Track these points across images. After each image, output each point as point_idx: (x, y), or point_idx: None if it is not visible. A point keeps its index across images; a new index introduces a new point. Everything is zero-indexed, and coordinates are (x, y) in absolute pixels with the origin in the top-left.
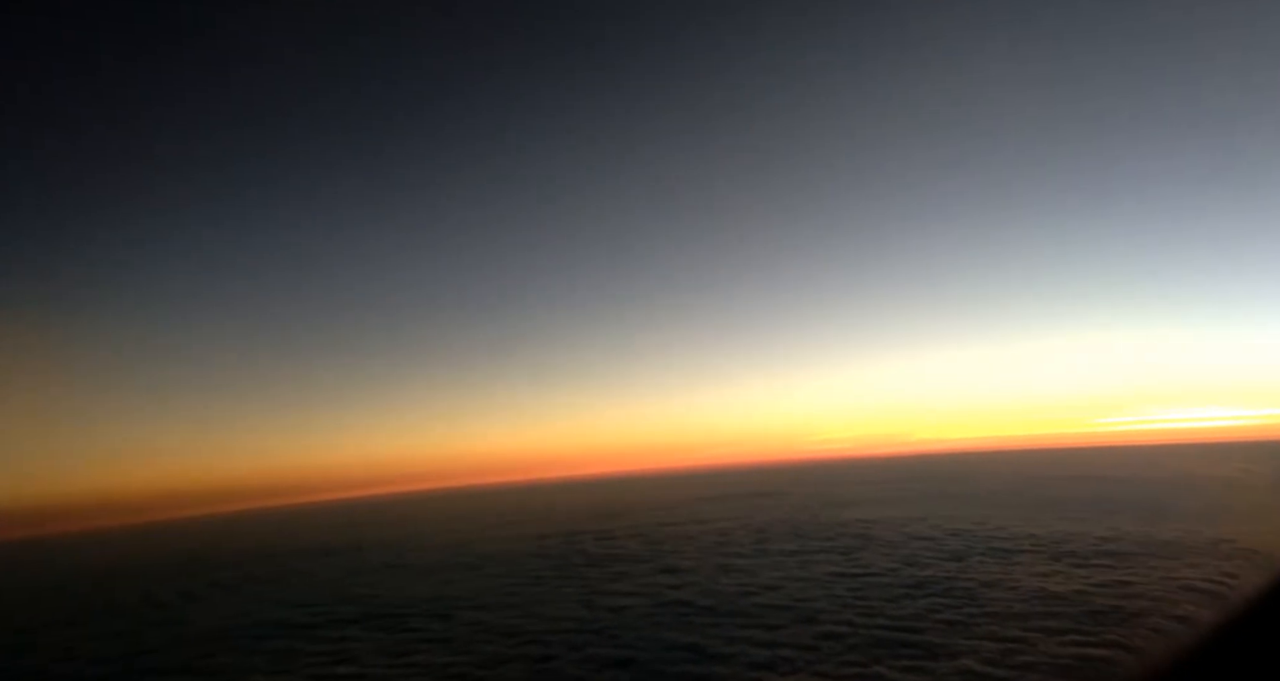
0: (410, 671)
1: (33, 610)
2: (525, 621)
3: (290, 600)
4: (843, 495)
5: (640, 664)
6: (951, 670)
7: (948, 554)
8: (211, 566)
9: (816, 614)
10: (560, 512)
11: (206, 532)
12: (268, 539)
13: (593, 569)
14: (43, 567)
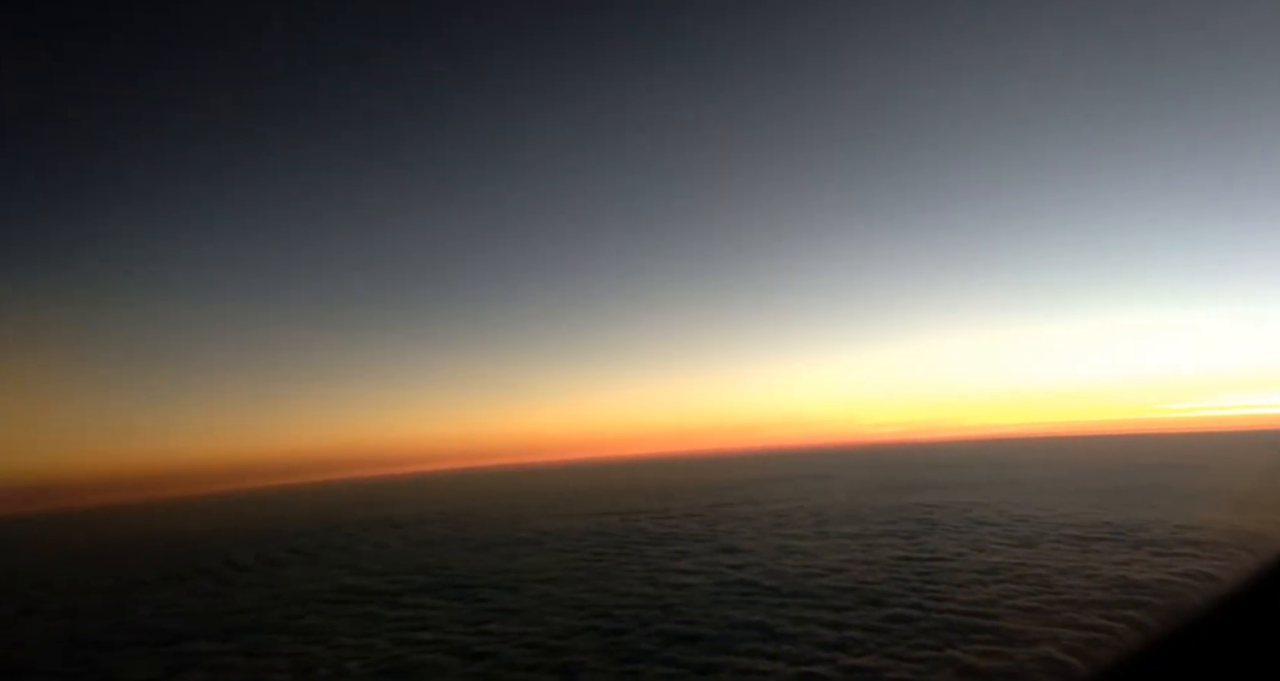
0: (487, 639)
1: (123, 570)
2: (592, 595)
3: (365, 568)
4: (899, 479)
5: (709, 640)
6: (1031, 657)
7: (1017, 540)
8: (285, 535)
9: (883, 597)
10: (614, 492)
11: (272, 503)
12: (333, 511)
13: (653, 547)
14: (123, 532)
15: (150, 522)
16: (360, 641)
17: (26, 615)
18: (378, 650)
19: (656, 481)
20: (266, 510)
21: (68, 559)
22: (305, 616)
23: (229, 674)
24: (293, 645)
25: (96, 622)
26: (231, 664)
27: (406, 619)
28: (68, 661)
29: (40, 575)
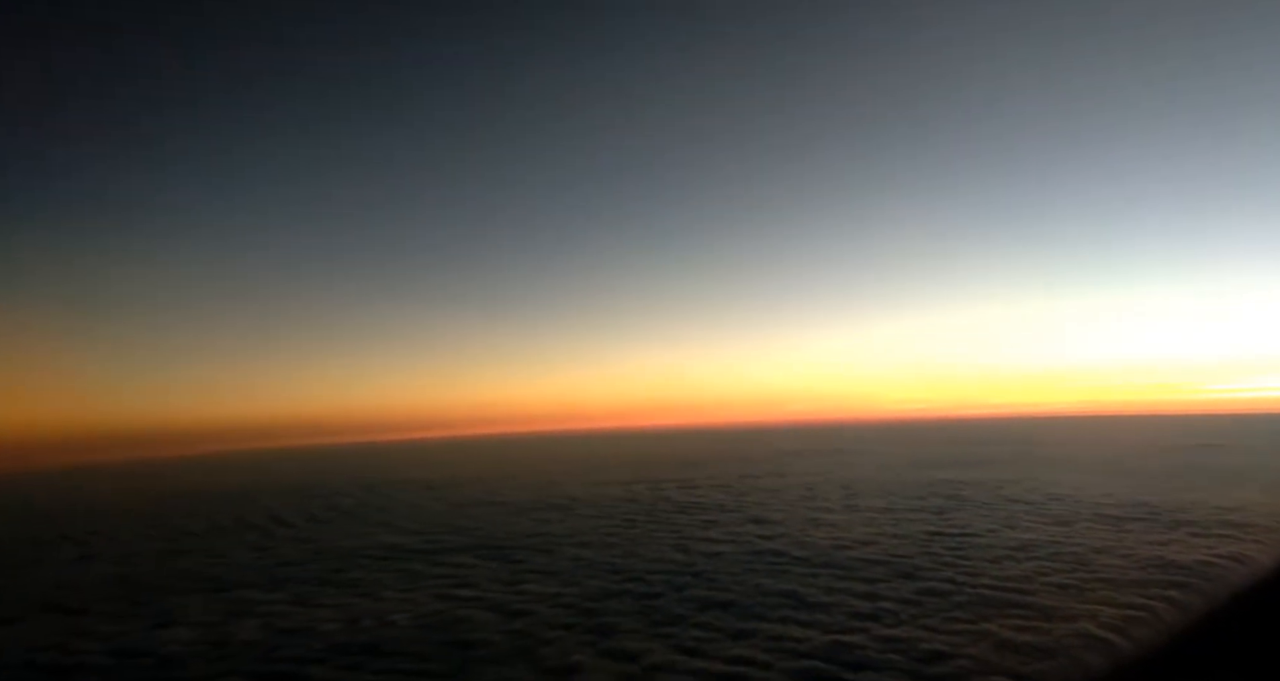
0: (524, 598)
1: (173, 522)
2: (625, 561)
3: (403, 527)
4: (927, 455)
5: (741, 606)
6: (1069, 633)
7: (1050, 518)
8: (324, 493)
9: (915, 570)
10: (640, 460)
11: (310, 463)
12: (368, 471)
13: (682, 515)
14: (170, 485)
15: (195, 477)
16: (403, 595)
17: (86, 560)
18: (420, 604)
19: (681, 452)
20: (305, 469)
21: (119, 509)
22: (349, 570)
23: (281, 621)
24: (339, 597)
25: (152, 569)
26: (282, 612)
27: (445, 576)
28: (128, 602)
29: (95, 524)
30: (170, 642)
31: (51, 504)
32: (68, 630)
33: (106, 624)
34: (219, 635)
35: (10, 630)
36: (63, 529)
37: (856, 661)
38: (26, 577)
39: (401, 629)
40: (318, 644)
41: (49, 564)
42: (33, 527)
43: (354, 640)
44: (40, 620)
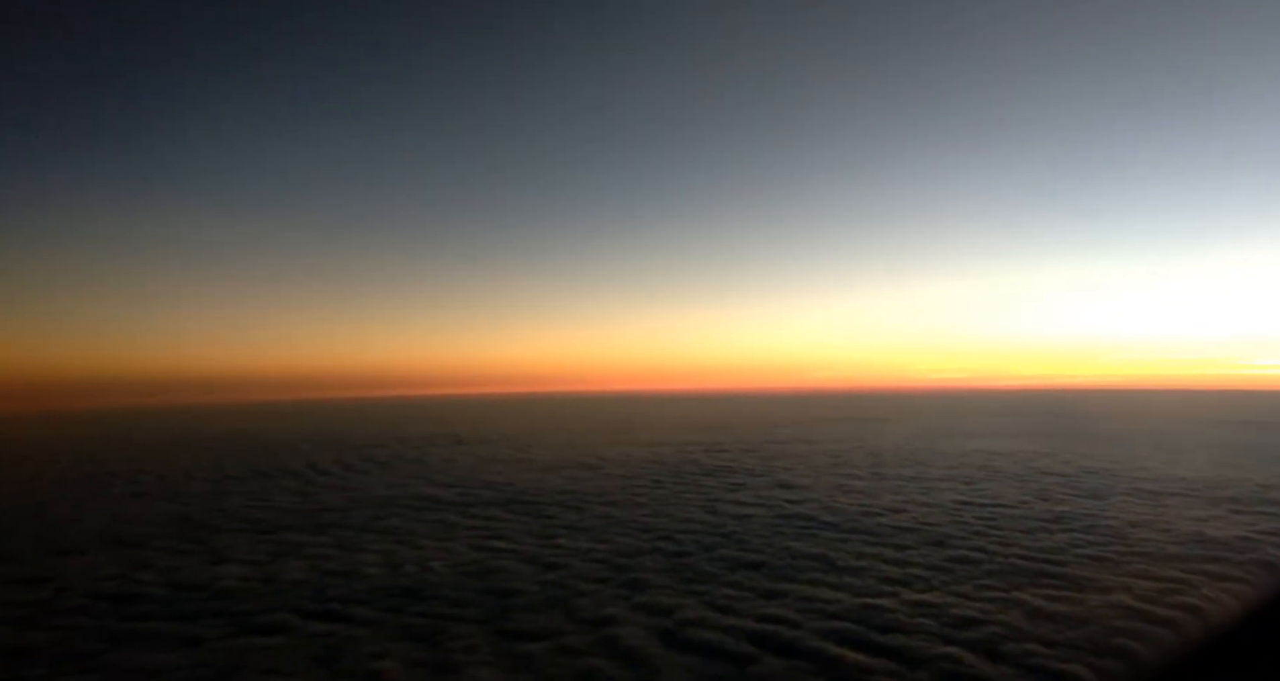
0: (557, 552)
1: (217, 465)
2: (654, 520)
3: (437, 480)
4: (958, 426)
5: (772, 568)
6: (1103, 604)
7: (1084, 491)
8: (358, 445)
9: (945, 538)
10: (666, 423)
11: (343, 415)
12: (399, 425)
13: (709, 478)
14: (213, 430)
15: (233, 423)
16: (440, 544)
17: (138, 497)
18: (457, 553)
19: (707, 416)
20: (339, 420)
21: (163, 451)
22: (387, 518)
23: (325, 563)
24: (379, 543)
25: (201, 507)
26: (326, 554)
27: (479, 528)
28: (181, 539)
29: (141, 464)
30: (224, 578)
31: (100, 444)
32: (128, 562)
33: (163, 558)
34: (268, 573)
35: (76, 560)
36: (112, 468)
37: (887, 624)
38: (85, 512)
39: (440, 575)
40: (361, 586)
41: (105, 500)
42: (86, 466)
43: (396, 584)
44: (102, 552)
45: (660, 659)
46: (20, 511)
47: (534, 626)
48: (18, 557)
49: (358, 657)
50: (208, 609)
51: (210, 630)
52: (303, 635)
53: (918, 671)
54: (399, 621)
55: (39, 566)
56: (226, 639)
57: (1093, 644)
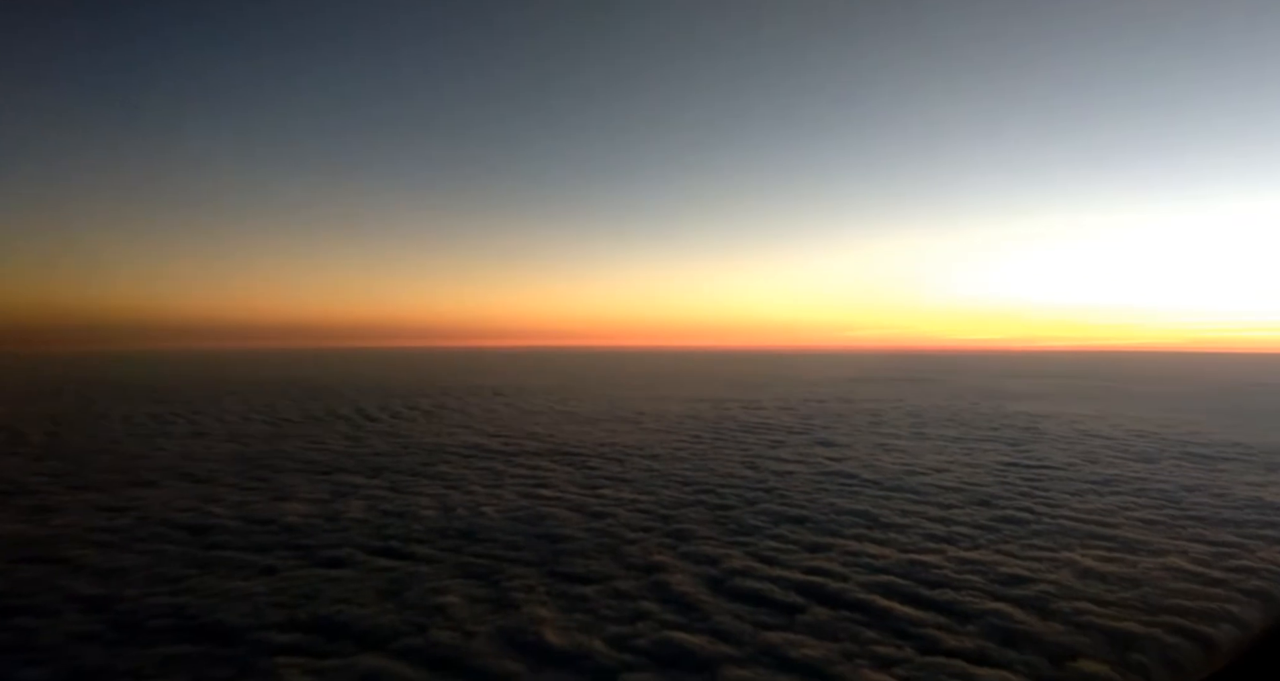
0: (602, 501)
1: (271, 408)
2: (696, 473)
3: (480, 429)
4: (1000, 387)
5: (815, 523)
6: (1157, 566)
7: (1134, 455)
8: (402, 393)
9: (991, 498)
10: (700, 379)
11: (386, 364)
12: (440, 375)
13: (748, 435)
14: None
15: (284, 370)
16: (490, 491)
17: (200, 436)
18: (506, 500)
19: (741, 373)
20: (383, 368)
21: (220, 393)
22: (437, 464)
23: (382, 504)
24: (431, 487)
25: (261, 448)
26: (382, 496)
27: (526, 476)
28: (245, 477)
29: (201, 405)
30: (289, 514)
31: (160, 384)
32: (199, 496)
33: (231, 493)
34: (330, 511)
35: (152, 492)
36: (174, 408)
37: (934, 579)
38: (154, 448)
39: (493, 520)
40: (419, 526)
41: (170, 438)
42: (148, 406)
43: (451, 526)
44: (174, 485)
45: (710, 605)
46: (97, 446)
47: (586, 570)
48: (100, 487)
49: (421, 592)
50: (277, 542)
51: (281, 561)
52: (368, 569)
53: (967, 625)
54: (457, 560)
55: (119, 496)
56: (298, 570)
57: (1147, 604)
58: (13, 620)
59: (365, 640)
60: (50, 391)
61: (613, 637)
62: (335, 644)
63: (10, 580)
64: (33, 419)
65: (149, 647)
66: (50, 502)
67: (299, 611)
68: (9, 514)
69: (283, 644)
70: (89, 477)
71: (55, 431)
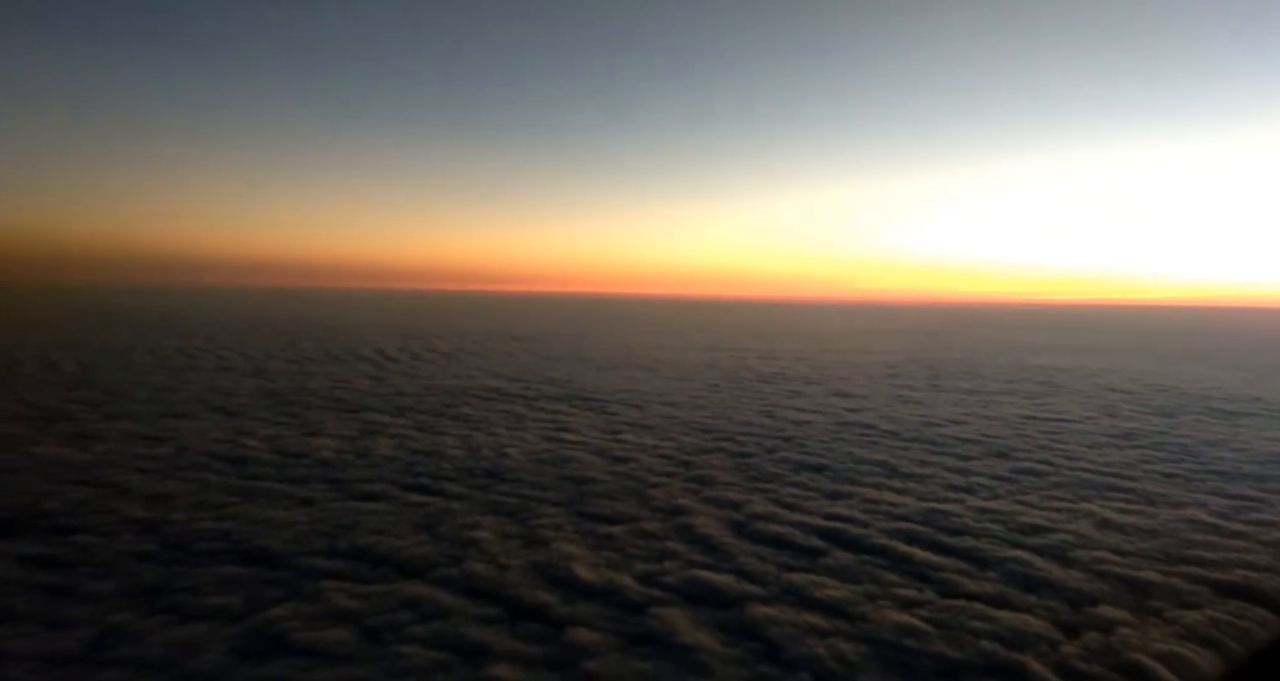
0: (625, 447)
1: (292, 347)
2: (715, 422)
3: (500, 373)
4: (1019, 341)
5: (835, 471)
6: (1176, 518)
7: (1153, 409)
8: (420, 335)
9: (1009, 450)
10: (719, 329)
11: (403, 305)
12: (456, 318)
13: (765, 385)
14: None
15: (299, 308)
16: (513, 433)
17: (227, 371)
18: (530, 442)
19: (757, 323)
20: (400, 309)
21: (242, 329)
22: (459, 407)
23: (410, 443)
24: (456, 428)
25: (287, 385)
26: (409, 435)
27: (547, 420)
28: (274, 411)
29: (225, 340)
30: (321, 449)
31: (178, 319)
32: (232, 429)
33: (263, 427)
34: (360, 448)
35: (187, 423)
36: (198, 343)
37: (953, 527)
38: (183, 381)
39: (517, 461)
40: (447, 465)
41: (198, 372)
42: (173, 339)
43: (477, 465)
44: (207, 418)
45: (734, 547)
46: (128, 377)
47: (611, 511)
48: (137, 417)
49: (454, 527)
50: (312, 475)
51: (318, 493)
52: (401, 504)
53: (987, 571)
54: (486, 498)
55: (156, 426)
56: (334, 502)
57: (1166, 554)
58: (73, 538)
59: (405, 569)
60: (74, 323)
61: (641, 574)
62: (377, 571)
63: (64, 500)
64: (62, 349)
65: (202, 567)
66: (90, 430)
67: (339, 541)
68: (53, 439)
69: (328, 569)
70: (124, 407)
71: (86, 362)
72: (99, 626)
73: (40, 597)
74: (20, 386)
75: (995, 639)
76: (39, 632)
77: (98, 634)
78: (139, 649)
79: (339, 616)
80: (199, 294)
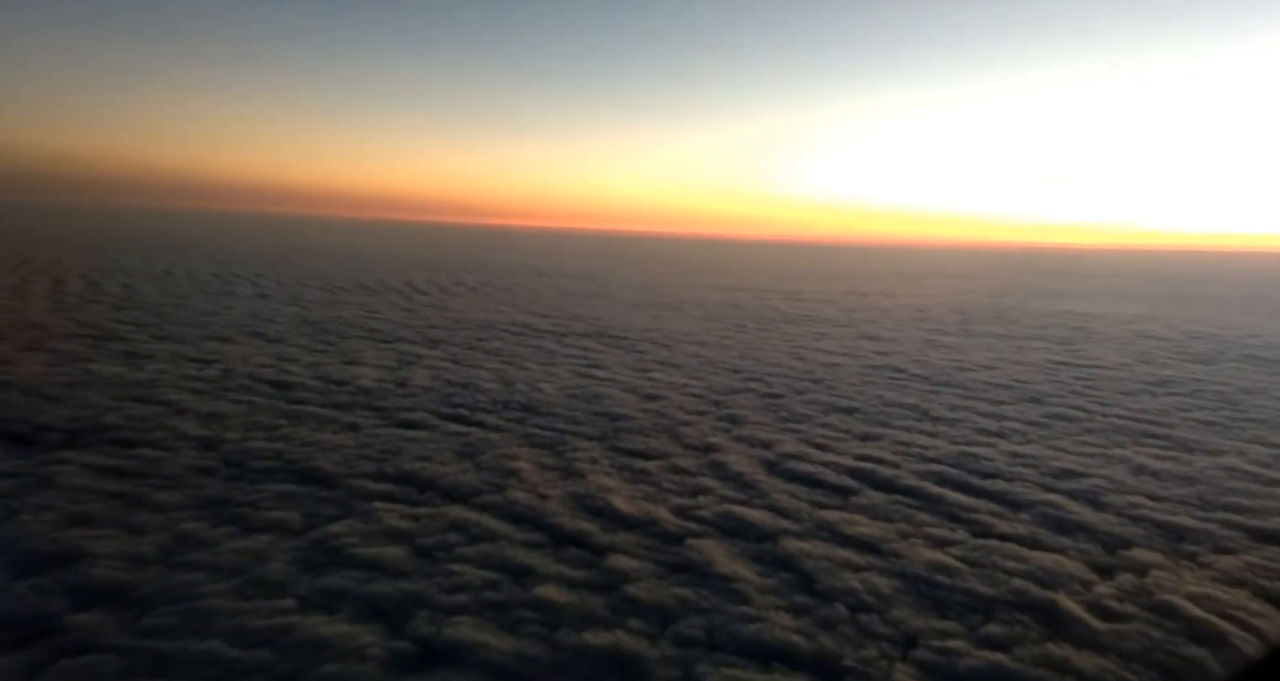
0: (655, 384)
1: (323, 276)
2: (742, 362)
3: (528, 309)
4: (1049, 286)
5: (865, 413)
6: (1214, 465)
7: (1190, 356)
8: (446, 268)
9: (1042, 396)
10: (742, 269)
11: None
12: (479, 252)
13: (791, 326)
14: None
15: (326, 237)
16: (544, 368)
17: (264, 298)
18: (561, 378)
19: (784, 263)
20: (424, 242)
21: (274, 257)
22: (491, 340)
23: (445, 373)
24: (489, 362)
25: (323, 313)
26: (444, 367)
27: (577, 356)
28: (313, 339)
29: (258, 267)
30: (361, 377)
31: (210, 244)
32: (274, 355)
33: (303, 354)
34: (398, 378)
35: (230, 347)
36: (234, 269)
37: (985, 470)
38: (222, 306)
39: (550, 395)
40: (483, 397)
41: (235, 298)
42: (209, 264)
43: (512, 398)
44: (249, 343)
45: (767, 484)
46: (169, 300)
47: (645, 447)
48: (182, 339)
49: (494, 457)
50: (355, 402)
51: (362, 419)
52: (442, 433)
53: (1020, 513)
54: (522, 430)
55: (202, 349)
56: (378, 428)
57: (1202, 501)
58: (137, 450)
59: (450, 494)
60: (111, 244)
61: (676, 508)
62: (424, 495)
63: (124, 416)
64: (102, 270)
65: (260, 484)
66: (139, 350)
67: (386, 465)
68: (106, 357)
69: (378, 491)
70: (169, 329)
71: (128, 284)
72: (171, 533)
73: (115, 504)
74: (70, 306)
75: (1028, 577)
76: (119, 535)
77: (171, 539)
78: (210, 555)
79: (392, 535)
80: (221, 220)
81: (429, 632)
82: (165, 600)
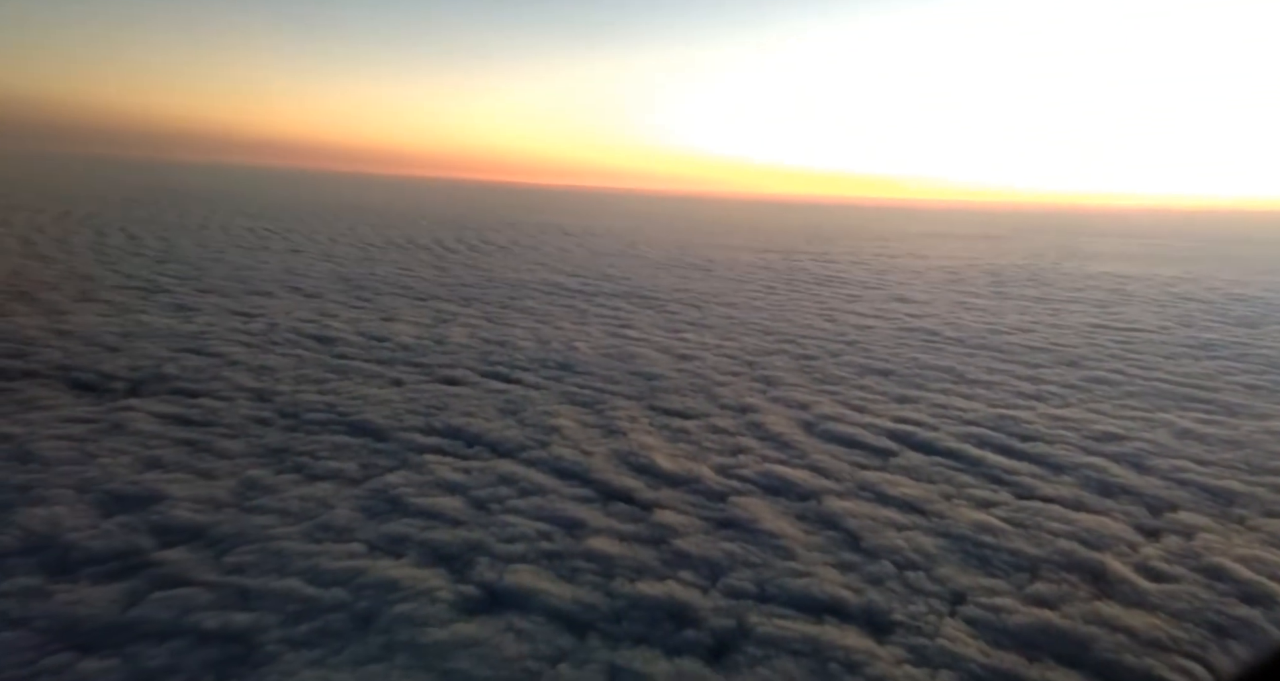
0: (688, 345)
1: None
2: (774, 323)
3: (558, 268)
4: (1085, 247)
5: (900, 376)
6: (1260, 429)
7: (1234, 319)
8: (475, 226)
9: (1080, 359)
10: (772, 230)
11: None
12: (507, 211)
13: (822, 288)
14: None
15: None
16: (578, 327)
17: (297, 253)
18: (595, 337)
19: (812, 224)
20: (451, 199)
21: (305, 212)
22: (523, 299)
23: (481, 331)
24: (523, 320)
25: (356, 270)
26: (479, 325)
27: (609, 316)
28: (349, 295)
29: (290, 223)
30: (400, 334)
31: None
32: (315, 310)
33: (343, 310)
34: (436, 335)
35: (272, 301)
36: (265, 224)
37: (1025, 433)
38: (258, 261)
39: (586, 354)
40: (520, 355)
41: (269, 253)
42: (241, 218)
43: (549, 357)
44: (289, 298)
45: (805, 444)
46: (207, 255)
47: (682, 406)
48: (223, 293)
49: (536, 414)
50: (397, 358)
51: (406, 375)
52: (484, 389)
53: (1062, 476)
54: (561, 388)
55: (245, 303)
56: (422, 384)
57: (1250, 465)
58: (198, 401)
59: (497, 449)
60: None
61: (718, 466)
62: (473, 449)
63: (181, 367)
64: (142, 223)
65: (316, 435)
66: (186, 303)
67: (433, 420)
68: (156, 308)
69: (428, 445)
70: (211, 283)
71: (167, 238)
72: (240, 478)
73: (184, 450)
74: (114, 258)
75: (1074, 538)
76: (192, 479)
77: (240, 484)
78: (278, 500)
79: (447, 486)
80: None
81: (492, 578)
82: (242, 540)
